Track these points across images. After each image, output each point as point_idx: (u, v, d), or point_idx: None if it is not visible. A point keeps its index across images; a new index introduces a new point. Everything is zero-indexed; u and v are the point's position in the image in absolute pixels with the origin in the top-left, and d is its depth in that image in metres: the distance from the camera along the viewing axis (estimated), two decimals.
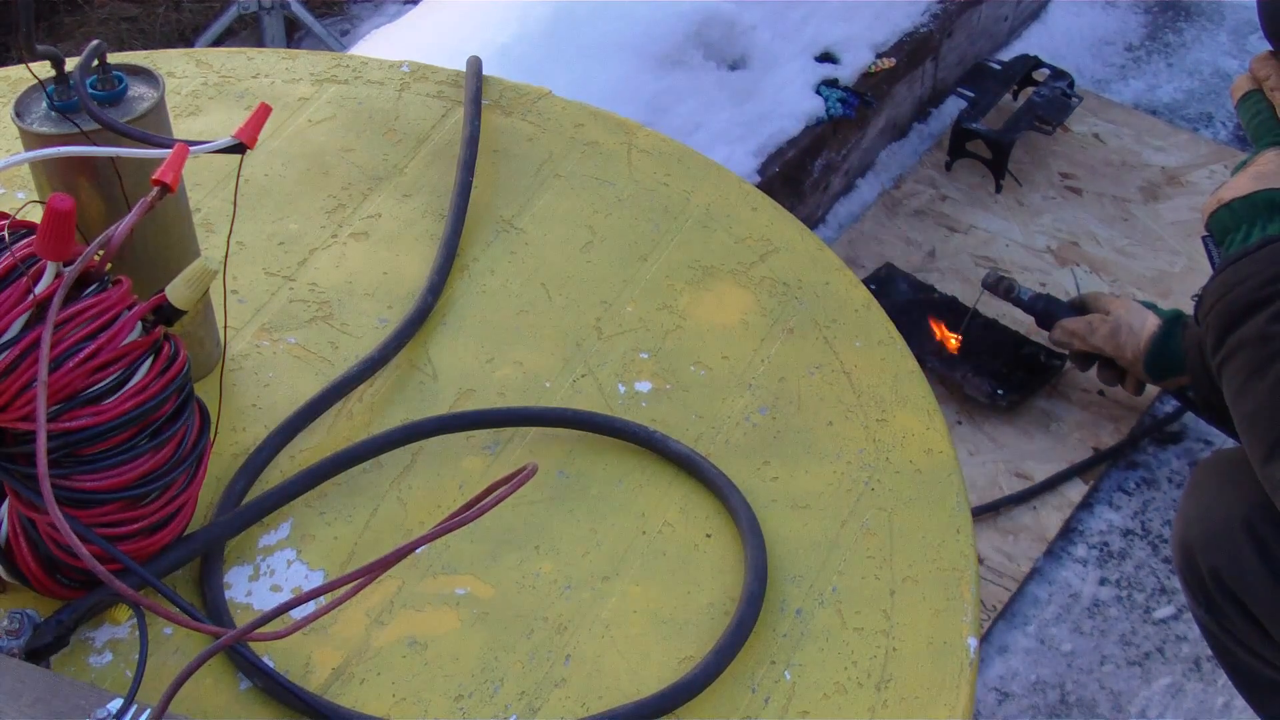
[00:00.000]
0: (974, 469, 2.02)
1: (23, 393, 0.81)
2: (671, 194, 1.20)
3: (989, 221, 2.42)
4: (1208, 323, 1.19)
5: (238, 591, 0.92)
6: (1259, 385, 1.12)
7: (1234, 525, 1.25)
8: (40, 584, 0.87)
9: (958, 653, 0.89)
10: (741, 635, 0.88)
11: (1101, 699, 1.80)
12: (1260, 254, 1.16)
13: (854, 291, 1.12)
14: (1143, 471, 2.09)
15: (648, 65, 2.21)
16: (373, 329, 1.09)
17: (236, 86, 1.30)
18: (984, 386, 2.05)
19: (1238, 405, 1.15)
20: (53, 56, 0.90)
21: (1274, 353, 1.12)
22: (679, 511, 0.97)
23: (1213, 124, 2.70)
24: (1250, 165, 1.22)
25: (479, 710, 0.86)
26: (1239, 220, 1.19)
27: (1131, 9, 2.99)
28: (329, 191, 1.21)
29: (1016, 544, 1.94)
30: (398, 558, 0.76)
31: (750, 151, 2.24)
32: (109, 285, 0.85)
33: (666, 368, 1.07)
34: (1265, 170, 1.20)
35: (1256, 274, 1.15)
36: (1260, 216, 1.18)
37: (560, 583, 0.93)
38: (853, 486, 0.98)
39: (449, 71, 1.33)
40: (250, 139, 0.89)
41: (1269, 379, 1.11)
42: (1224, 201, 1.21)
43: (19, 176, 1.20)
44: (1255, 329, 1.13)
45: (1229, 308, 1.16)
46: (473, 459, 1.00)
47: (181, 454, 0.87)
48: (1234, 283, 1.17)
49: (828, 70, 2.41)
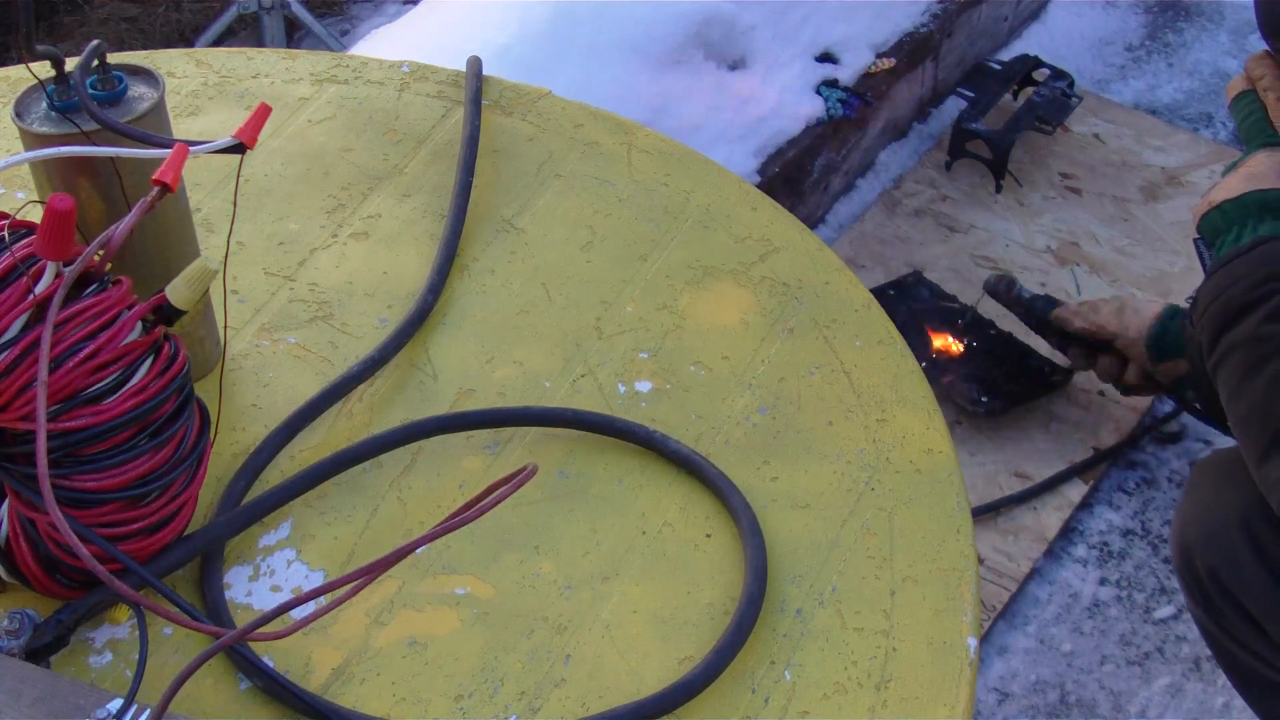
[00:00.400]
0: (974, 469, 2.02)
1: (23, 393, 0.81)
2: (671, 194, 1.20)
3: (989, 221, 2.42)
4: (1202, 325, 1.19)
5: (238, 591, 0.92)
6: (1253, 386, 1.12)
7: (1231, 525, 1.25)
8: (40, 584, 0.87)
9: (958, 653, 0.89)
10: (741, 635, 0.88)
11: (1101, 699, 1.80)
12: (1252, 255, 1.16)
13: (854, 291, 1.12)
14: (1142, 471, 2.09)
15: (648, 65, 2.21)
16: (373, 329, 1.09)
17: (236, 86, 1.30)
18: (969, 393, 2.04)
19: (1232, 406, 1.15)
20: (53, 56, 0.90)
21: (1267, 353, 1.12)
22: (679, 511, 0.97)
23: (1213, 124, 2.70)
24: (1241, 166, 1.22)
25: (479, 710, 0.86)
26: (1230, 222, 1.19)
27: (1131, 9, 2.99)
28: (329, 191, 1.21)
29: (1016, 544, 1.94)
30: (398, 558, 0.76)
31: (750, 151, 2.24)
32: (109, 285, 0.85)
33: (666, 368, 1.07)
34: (1256, 171, 1.20)
35: (1249, 275, 1.15)
36: (1250, 218, 1.18)
37: (560, 583, 0.93)
38: (853, 486, 0.98)
39: (449, 71, 1.33)
40: (250, 139, 0.89)
41: (1263, 379, 1.11)
42: (1215, 203, 1.21)
43: (19, 176, 1.20)
44: (1248, 330, 1.13)
45: (1222, 309, 1.16)
46: (473, 459, 1.00)
47: (181, 454, 0.87)
48: (1227, 285, 1.17)
49: (828, 70, 2.41)
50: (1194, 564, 1.30)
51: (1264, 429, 1.11)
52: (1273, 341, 1.12)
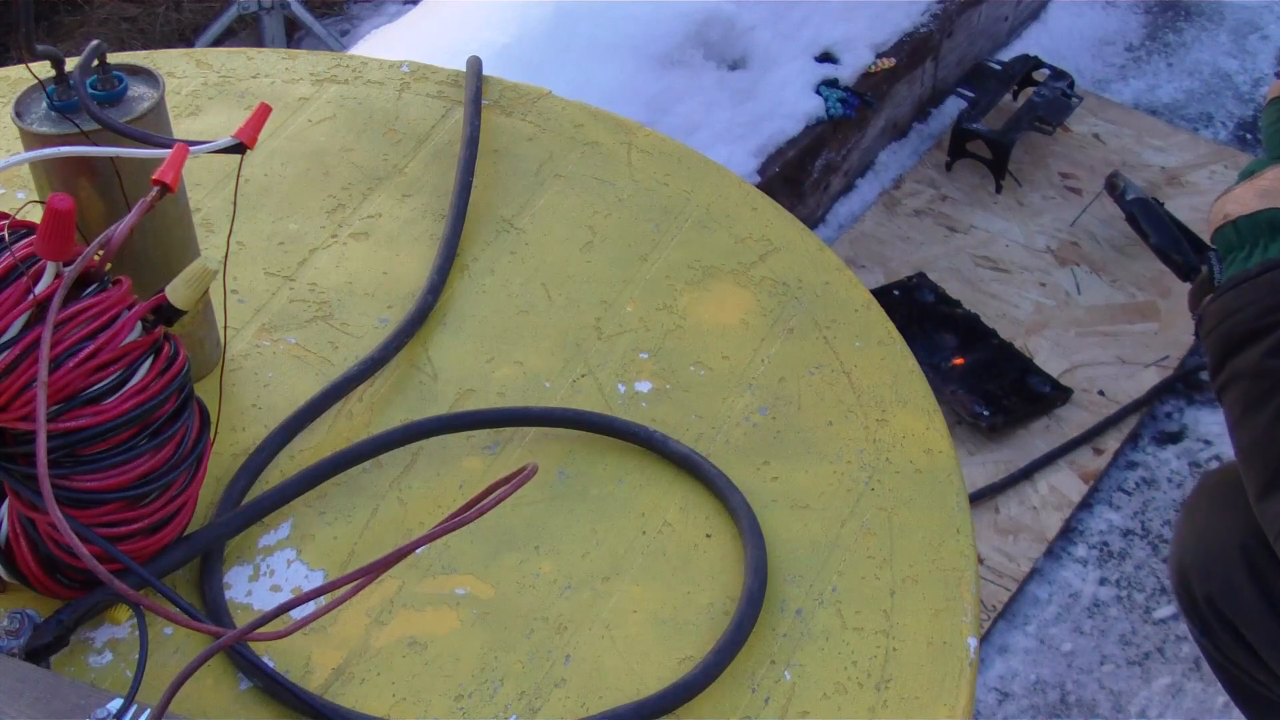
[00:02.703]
0: (974, 469, 2.02)
1: (23, 393, 0.81)
2: (671, 194, 1.21)
3: (989, 221, 2.42)
4: (1208, 344, 1.18)
5: (238, 591, 0.92)
6: (1256, 420, 1.11)
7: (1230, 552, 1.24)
8: (40, 584, 0.87)
9: (958, 653, 0.89)
10: (741, 635, 0.88)
11: (1101, 699, 1.80)
12: (1260, 280, 1.15)
13: (854, 291, 1.12)
14: (1142, 471, 2.09)
15: (648, 65, 2.21)
16: (373, 329, 1.09)
17: (236, 86, 1.30)
18: (972, 406, 2.04)
19: (1236, 437, 1.14)
20: (53, 56, 0.90)
21: (1270, 388, 1.10)
22: (679, 511, 0.97)
23: (1213, 124, 2.70)
24: (1257, 178, 1.21)
25: (479, 710, 0.86)
26: (1243, 240, 1.17)
27: (1131, 9, 2.99)
28: (329, 191, 1.21)
29: (1016, 544, 1.94)
30: (398, 558, 0.76)
31: (750, 151, 2.24)
32: (109, 285, 0.85)
33: (666, 368, 1.07)
34: (1272, 187, 1.18)
35: (1256, 301, 1.14)
36: (1263, 237, 1.17)
37: (560, 583, 0.93)
38: (853, 486, 0.98)
39: (449, 71, 1.33)
40: (250, 139, 0.89)
41: (1266, 415, 1.10)
42: (1230, 218, 1.19)
43: (19, 176, 1.20)
44: (1252, 361, 1.12)
45: (1228, 333, 1.15)
46: (473, 459, 1.00)
47: (181, 454, 0.87)
48: (1233, 309, 1.15)
49: (828, 70, 2.41)
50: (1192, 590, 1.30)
51: (1266, 464, 1.10)
52: (1275, 376, 1.11)
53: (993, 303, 2.24)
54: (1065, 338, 2.23)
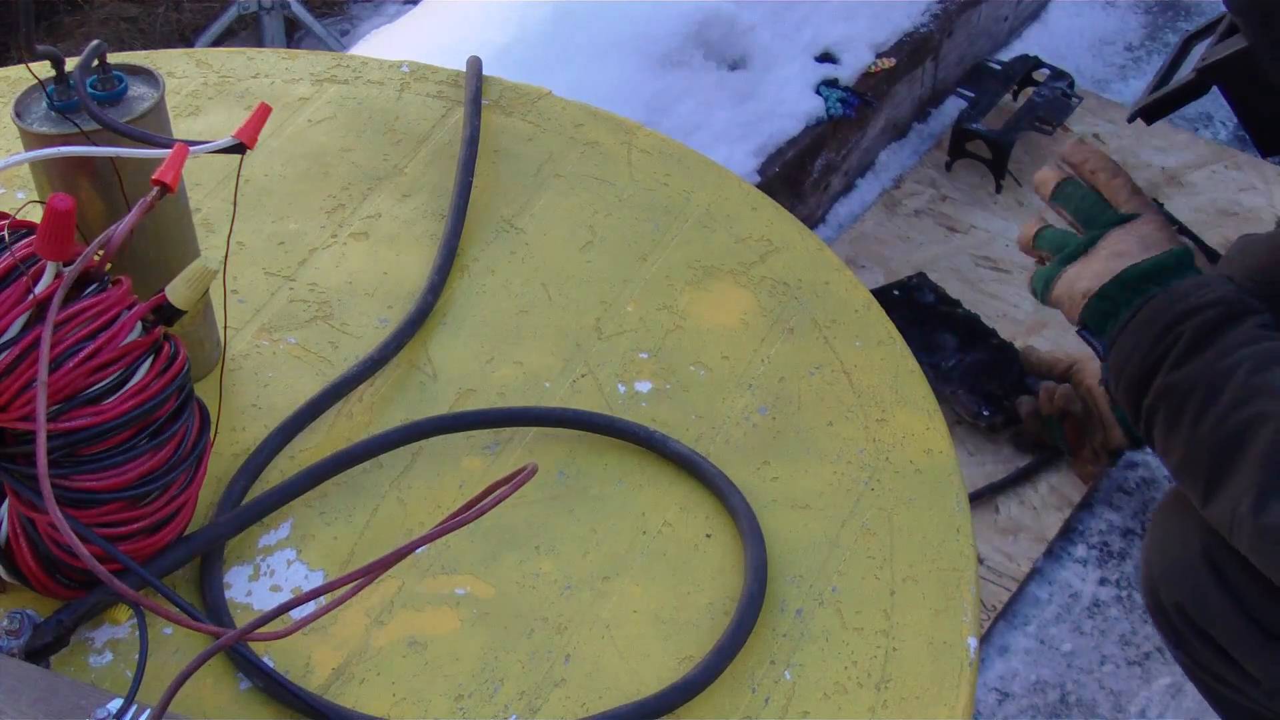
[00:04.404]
0: (974, 469, 2.02)
1: (23, 393, 0.81)
2: (671, 194, 1.21)
3: (989, 221, 2.41)
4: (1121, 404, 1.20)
5: (238, 591, 0.92)
6: (1176, 438, 1.13)
7: (1193, 557, 1.24)
8: (40, 584, 0.87)
9: (958, 653, 0.89)
10: (741, 635, 0.88)
11: (1101, 699, 1.80)
12: (1133, 324, 1.16)
13: (854, 291, 1.12)
14: (1142, 471, 2.09)
15: (648, 65, 2.21)
16: (373, 329, 1.09)
17: (236, 86, 1.30)
18: (972, 406, 2.04)
19: (1166, 461, 1.17)
20: (53, 56, 0.90)
21: (1178, 404, 1.13)
22: (679, 511, 0.97)
23: (1213, 124, 2.70)
24: (1099, 248, 1.21)
25: (479, 710, 0.86)
26: (1115, 304, 1.18)
27: (1131, 9, 2.99)
28: (329, 191, 1.21)
29: (1016, 544, 1.94)
30: (398, 558, 0.76)
31: (750, 151, 2.24)
32: (109, 285, 0.85)
33: (666, 368, 1.07)
34: (1120, 249, 1.19)
35: (1139, 344, 1.16)
36: (1129, 294, 1.18)
37: (560, 583, 0.93)
38: (853, 486, 0.98)
39: (449, 71, 1.33)
40: (250, 139, 0.89)
41: (1184, 429, 1.13)
42: (1091, 293, 1.20)
43: (19, 176, 1.20)
44: (1157, 389, 1.15)
45: (1130, 383, 1.17)
46: (473, 459, 1.00)
47: (181, 454, 0.87)
48: (1123, 362, 1.17)
49: (828, 70, 2.40)
50: (1161, 601, 1.30)
51: (1195, 475, 1.13)
52: (1177, 390, 1.13)
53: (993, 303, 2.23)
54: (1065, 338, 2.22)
